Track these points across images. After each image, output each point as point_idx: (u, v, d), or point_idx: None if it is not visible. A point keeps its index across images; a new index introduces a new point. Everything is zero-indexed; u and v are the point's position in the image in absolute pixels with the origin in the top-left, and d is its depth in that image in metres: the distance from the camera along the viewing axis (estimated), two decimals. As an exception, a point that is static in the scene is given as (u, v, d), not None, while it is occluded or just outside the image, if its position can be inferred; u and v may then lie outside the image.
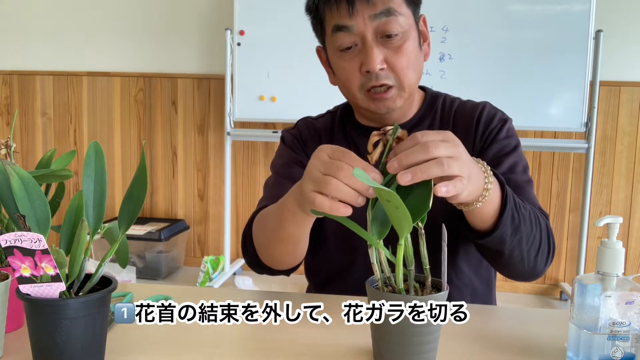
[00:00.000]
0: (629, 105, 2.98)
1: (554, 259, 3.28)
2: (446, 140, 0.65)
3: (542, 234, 0.88)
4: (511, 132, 1.01)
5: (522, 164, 1.00)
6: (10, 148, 0.79)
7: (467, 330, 0.78)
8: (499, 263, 0.91)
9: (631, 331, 0.63)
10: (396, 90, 0.94)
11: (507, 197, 0.79)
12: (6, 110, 3.55)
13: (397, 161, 0.63)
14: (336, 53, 0.96)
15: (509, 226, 0.81)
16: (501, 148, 0.99)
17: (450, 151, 0.64)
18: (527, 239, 0.84)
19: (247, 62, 2.98)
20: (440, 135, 0.66)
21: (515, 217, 0.81)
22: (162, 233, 3.10)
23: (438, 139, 0.65)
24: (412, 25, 0.95)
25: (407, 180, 0.61)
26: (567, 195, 3.08)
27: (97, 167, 0.65)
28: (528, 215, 0.84)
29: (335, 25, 0.93)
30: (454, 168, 0.63)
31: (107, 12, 3.34)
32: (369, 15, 0.91)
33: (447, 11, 2.78)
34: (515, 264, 0.87)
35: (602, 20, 2.78)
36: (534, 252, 0.87)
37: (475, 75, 2.80)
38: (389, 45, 0.92)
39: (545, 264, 0.90)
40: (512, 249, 0.84)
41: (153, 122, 3.40)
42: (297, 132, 1.10)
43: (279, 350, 0.71)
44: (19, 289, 0.60)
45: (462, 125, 1.02)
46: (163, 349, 0.71)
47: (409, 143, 0.64)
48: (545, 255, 0.89)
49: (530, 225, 0.85)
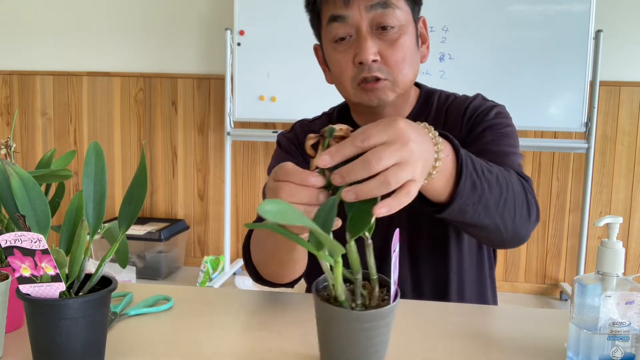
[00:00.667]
0: (629, 105, 2.98)
1: (554, 259, 3.29)
2: (391, 142, 0.57)
3: (517, 196, 0.81)
4: (501, 116, 0.98)
5: (511, 141, 0.95)
6: (10, 148, 0.79)
7: (467, 330, 0.78)
8: (472, 234, 0.86)
9: (631, 331, 0.63)
10: (389, 83, 0.92)
11: (463, 164, 0.71)
12: (6, 110, 3.55)
13: (339, 175, 0.56)
14: (331, 45, 0.95)
15: (468, 195, 0.73)
16: (487, 127, 0.96)
17: (397, 156, 0.56)
18: (496, 205, 0.77)
19: (247, 62, 2.98)
20: (384, 134, 0.57)
21: (477, 184, 0.73)
22: (162, 233, 3.10)
23: (380, 141, 0.56)
24: (410, 22, 0.94)
25: (351, 199, 0.56)
26: (567, 195, 3.08)
27: (97, 167, 0.65)
28: (495, 179, 0.77)
29: (330, 16, 0.93)
30: (403, 177, 0.56)
31: (107, 12, 3.34)
32: (365, 6, 0.90)
33: (447, 11, 2.78)
34: (490, 232, 0.81)
35: (602, 20, 2.78)
36: (510, 218, 0.80)
37: (475, 75, 2.80)
38: (384, 38, 0.91)
39: (528, 225, 0.84)
40: (479, 218, 0.77)
41: (153, 122, 3.40)
42: (294, 136, 1.08)
43: (279, 355, 0.71)
44: (19, 289, 0.60)
45: (453, 118, 1.01)
46: (163, 349, 0.71)
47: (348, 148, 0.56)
48: (525, 217, 0.83)
49: (500, 189, 0.77)
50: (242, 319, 0.82)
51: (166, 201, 3.45)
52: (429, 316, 0.83)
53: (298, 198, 0.59)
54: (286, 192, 0.59)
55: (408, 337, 0.75)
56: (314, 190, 0.59)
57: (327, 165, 0.57)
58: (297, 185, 0.59)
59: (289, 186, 0.59)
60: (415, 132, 0.60)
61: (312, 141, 0.60)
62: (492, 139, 0.94)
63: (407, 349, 0.71)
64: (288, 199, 0.59)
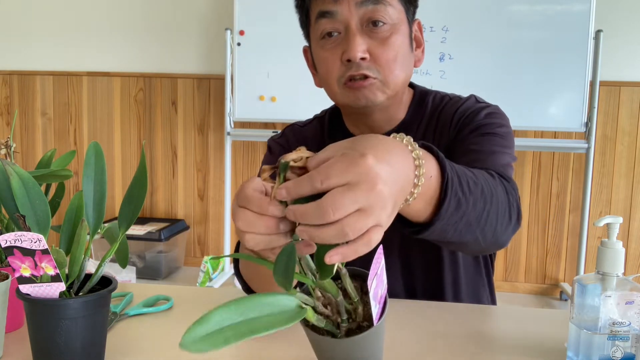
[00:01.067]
0: (629, 105, 2.98)
1: (554, 259, 3.28)
2: (354, 184, 0.47)
3: (500, 206, 0.74)
4: (492, 116, 0.93)
5: (503, 142, 0.89)
6: (10, 148, 0.79)
7: (467, 330, 0.78)
8: (452, 249, 0.83)
9: (631, 331, 0.63)
10: (378, 83, 0.88)
11: (449, 183, 0.63)
12: (6, 110, 3.55)
13: (292, 213, 0.49)
14: (318, 43, 0.91)
15: (451, 215, 0.66)
16: (475, 127, 0.91)
17: (361, 202, 0.47)
18: (478, 219, 0.70)
19: (247, 62, 2.99)
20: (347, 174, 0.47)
21: (461, 202, 0.66)
22: (162, 233, 3.10)
23: (342, 182, 0.47)
24: (403, 21, 0.90)
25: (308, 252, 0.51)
26: (567, 195, 3.08)
27: (97, 167, 0.65)
28: (480, 192, 0.69)
29: (319, 12, 0.89)
30: (365, 225, 0.48)
31: (107, 12, 3.34)
32: (355, 1, 0.86)
33: (447, 11, 2.78)
34: (471, 246, 0.76)
35: (602, 20, 2.78)
36: (491, 229, 0.74)
37: (475, 75, 2.80)
38: (375, 36, 0.87)
39: (508, 232, 0.78)
40: (460, 234, 0.71)
41: (153, 122, 3.40)
42: (285, 141, 1.05)
43: (279, 355, 0.71)
44: (19, 289, 0.60)
45: (444, 121, 0.97)
46: (163, 349, 0.71)
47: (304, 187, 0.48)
48: (505, 224, 0.76)
49: (484, 202, 0.70)
50: (242, 319, 0.82)
51: (166, 201, 3.45)
52: (429, 316, 0.83)
53: (255, 228, 0.53)
54: (243, 221, 0.53)
55: (408, 337, 0.75)
56: (272, 219, 0.52)
57: (285, 199, 0.50)
58: (254, 214, 0.52)
59: (245, 214, 0.53)
60: (388, 165, 0.50)
61: (267, 173, 0.54)
62: (479, 139, 0.89)
63: (407, 349, 0.71)
64: (245, 228, 0.53)
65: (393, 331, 0.76)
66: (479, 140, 0.89)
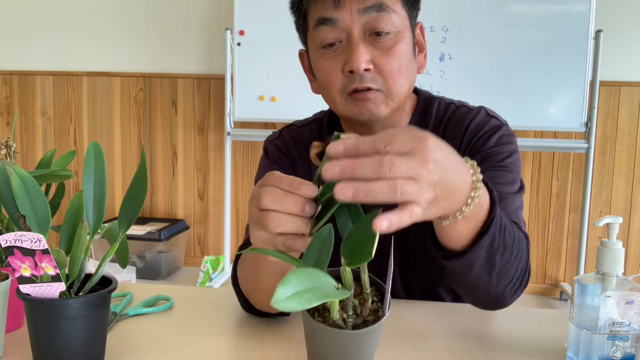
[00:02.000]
0: (629, 105, 2.98)
1: (554, 259, 3.28)
2: (413, 154, 0.50)
3: (520, 265, 0.75)
4: (504, 140, 0.90)
5: (511, 176, 0.88)
6: (10, 148, 0.79)
7: (467, 330, 0.78)
8: (459, 287, 0.80)
9: (631, 331, 0.63)
10: (382, 95, 0.84)
11: (495, 218, 0.65)
12: (6, 110, 3.55)
13: (339, 166, 0.48)
14: (317, 51, 0.86)
15: (484, 252, 0.67)
16: (487, 157, 0.89)
17: (413, 171, 0.49)
18: (501, 268, 0.72)
19: (247, 62, 2.98)
20: (410, 143, 0.50)
21: (495, 243, 0.68)
22: (162, 233, 3.10)
23: (403, 150, 0.50)
24: (407, 28, 0.86)
25: (346, 196, 0.48)
26: (567, 195, 3.08)
27: (97, 167, 0.65)
28: (511, 243, 0.71)
29: (318, 18, 0.84)
30: (410, 194, 0.49)
31: (107, 12, 3.34)
32: (357, 8, 0.81)
33: (447, 11, 2.78)
34: (479, 292, 0.77)
35: (602, 20, 2.78)
36: (505, 283, 0.75)
37: (475, 75, 2.80)
38: (378, 45, 0.83)
39: (514, 296, 0.78)
40: (480, 277, 0.71)
41: (153, 122, 3.40)
42: (282, 143, 1.00)
43: (278, 355, 0.71)
44: (19, 289, 0.60)
45: (452, 133, 0.92)
46: (163, 349, 0.71)
47: (366, 145, 0.50)
48: (516, 287, 0.77)
49: (511, 254, 0.72)
50: (242, 319, 0.82)
51: (166, 201, 3.45)
52: (429, 316, 0.83)
53: (282, 205, 0.53)
54: (270, 196, 0.53)
55: (407, 337, 0.75)
56: (300, 198, 0.52)
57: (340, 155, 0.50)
58: (283, 191, 0.53)
59: (274, 191, 0.53)
60: (446, 159, 0.53)
61: (317, 149, 0.54)
62: (489, 175, 0.85)
63: (407, 349, 0.71)
64: (271, 204, 0.53)
65: (393, 331, 0.76)
66: (490, 177, 0.85)
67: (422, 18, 0.97)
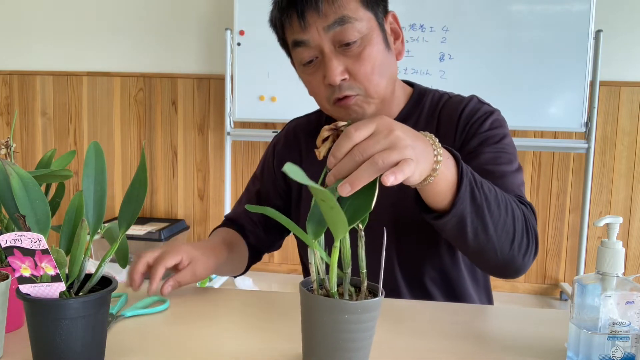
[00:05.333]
0: (629, 105, 2.98)
1: (554, 259, 3.28)
2: (376, 133, 0.60)
3: (517, 222, 0.80)
4: (496, 124, 0.96)
5: (508, 156, 0.93)
6: (10, 148, 0.79)
7: (467, 330, 0.78)
8: (467, 251, 0.83)
9: (631, 331, 0.63)
10: (361, 97, 0.91)
11: (463, 172, 0.72)
12: (6, 110, 3.55)
13: (332, 175, 0.60)
14: (300, 68, 0.95)
15: (468, 203, 0.74)
16: (483, 140, 0.94)
17: (383, 143, 0.59)
18: (494, 223, 0.77)
19: (247, 62, 2.98)
20: (368, 128, 0.60)
21: (477, 195, 0.74)
22: (162, 233, 3.10)
23: (364, 135, 0.60)
24: (374, 28, 0.90)
25: (347, 191, 0.57)
26: (567, 195, 3.08)
27: (97, 167, 0.65)
28: (494, 197, 0.77)
29: (293, 41, 0.92)
30: (392, 157, 0.58)
31: (107, 12, 3.34)
32: (322, 27, 0.87)
33: (447, 11, 2.78)
34: (486, 251, 0.80)
35: (602, 20, 2.78)
36: (508, 241, 0.79)
37: (475, 75, 2.80)
38: (349, 54, 0.89)
39: (525, 256, 0.83)
40: (476, 232, 0.77)
41: (153, 122, 3.40)
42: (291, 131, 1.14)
43: (278, 355, 0.71)
44: (19, 289, 0.60)
45: (446, 121, 0.98)
46: (163, 349, 0.71)
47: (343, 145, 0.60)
48: (524, 247, 0.82)
49: (499, 208, 0.77)
50: (242, 319, 0.82)
51: (166, 201, 3.45)
52: (429, 316, 0.83)
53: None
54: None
55: (407, 337, 0.75)
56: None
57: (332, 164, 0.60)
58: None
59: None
60: (404, 128, 0.62)
61: (326, 133, 0.63)
62: (489, 156, 0.92)
63: (407, 349, 0.71)
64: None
65: (392, 330, 0.76)
66: (488, 158, 0.92)
67: (422, 18, 0.98)
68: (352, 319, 0.58)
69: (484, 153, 0.92)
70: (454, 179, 0.72)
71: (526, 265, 0.84)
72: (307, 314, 0.61)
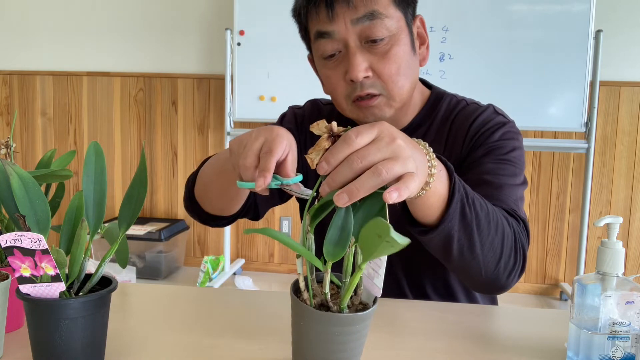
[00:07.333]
0: (629, 105, 2.98)
1: (554, 259, 3.28)
2: (377, 140, 0.55)
3: (506, 241, 0.76)
4: (508, 136, 0.92)
5: (512, 169, 0.89)
6: (10, 148, 0.79)
7: (467, 330, 0.78)
8: (450, 265, 0.80)
9: (631, 331, 0.63)
10: (384, 99, 0.87)
11: (456, 186, 0.68)
12: (6, 110, 3.55)
13: (327, 184, 0.54)
14: (320, 61, 0.90)
15: (457, 221, 0.70)
16: (489, 150, 0.90)
17: (385, 152, 0.54)
18: (482, 242, 0.73)
19: (247, 62, 2.99)
20: (370, 133, 0.55)
21: (467, 212, 0.70)
22: (162, 233, 3.10)
23: (365, 141, 0.54)
24: (403, 28, 0.87)
25: (345, 202, 0.52)
26: (567, 195, 3.08)
27: (97, 167, 0.65)
28: (485, 215, 0.73)
29: (317, 32, 0.87)
30: (396, 168, 0.53)
31: (107, 12, 3.34)
32: (350, 19, 0.83)
33: (447, 11, 2.78)
34: (470, 269, 0.77)
35: (602, 20, 2.78)
36: (494, 260, 0.76)
37: (475, 75, 2.80)
38: (375, 51, 0.85)
39: (510, 276, 0.79)
40: (462, 250, 0.73)
41: (153, 122, 3.40)
42: (302, 113, 1.10)
43: (278, 355, 0.71)
44: (19, 289, 0.60)
45: (458, 128, 0.95)
46: (163, 349, 0.71)
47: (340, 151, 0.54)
48: (510, 267, 0.78)
49: (488, 227, 0.73)
50: (242, 319, 0.82)
51: (166, 201, 3.45)
52: (429, 316, 0.83)
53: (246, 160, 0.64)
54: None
55: (407, 336, 0.75)
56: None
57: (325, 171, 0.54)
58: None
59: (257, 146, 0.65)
60: (404, 136, 0.57)
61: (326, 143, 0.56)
62: (491, 167, 0.88)
63: (406, 349, 0.71)
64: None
65: (392, 331, 0.76)
66: (490, 169, 0.88)
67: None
68: (343, 330, 0.56)
69: (486, 163, 0.89)
70: (446, 193, 0.68)
71: (510, 285, 0.81)
72: (296, 321, 0.60)
